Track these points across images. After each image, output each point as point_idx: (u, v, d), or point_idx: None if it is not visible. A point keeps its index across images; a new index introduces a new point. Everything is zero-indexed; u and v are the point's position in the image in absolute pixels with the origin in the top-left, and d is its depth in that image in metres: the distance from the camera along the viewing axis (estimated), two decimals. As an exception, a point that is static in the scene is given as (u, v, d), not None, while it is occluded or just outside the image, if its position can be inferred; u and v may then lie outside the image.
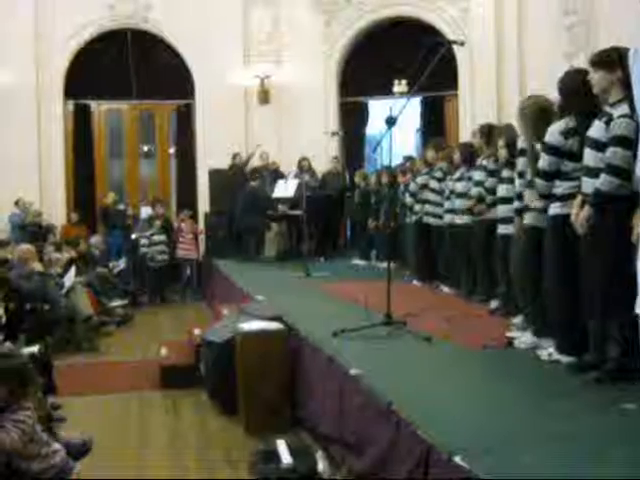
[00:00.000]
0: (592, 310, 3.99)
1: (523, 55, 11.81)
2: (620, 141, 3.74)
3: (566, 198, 4.20)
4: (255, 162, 12.63)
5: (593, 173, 3.87)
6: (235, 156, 12.54)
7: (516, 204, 5.18)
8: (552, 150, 4.30)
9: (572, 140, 4.20)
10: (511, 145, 5.63)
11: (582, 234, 3.93)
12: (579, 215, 3.92)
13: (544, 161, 4.35)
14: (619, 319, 3.78)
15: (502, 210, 5.77)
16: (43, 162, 12.91)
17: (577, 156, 4.13)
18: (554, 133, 4.31)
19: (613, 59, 3.83)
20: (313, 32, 13.07)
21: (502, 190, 5.83)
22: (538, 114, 4.69)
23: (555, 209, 4.32)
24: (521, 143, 5.10)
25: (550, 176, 4.33)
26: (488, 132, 6.59)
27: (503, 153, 5.89)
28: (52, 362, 5.77)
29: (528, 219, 4.88)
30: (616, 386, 3.75)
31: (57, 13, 12.73)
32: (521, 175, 5.04)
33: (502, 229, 5.79)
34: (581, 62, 9.00)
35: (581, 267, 4.07)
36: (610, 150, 3.77)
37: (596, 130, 3.94)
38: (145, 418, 5.73)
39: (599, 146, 3.87)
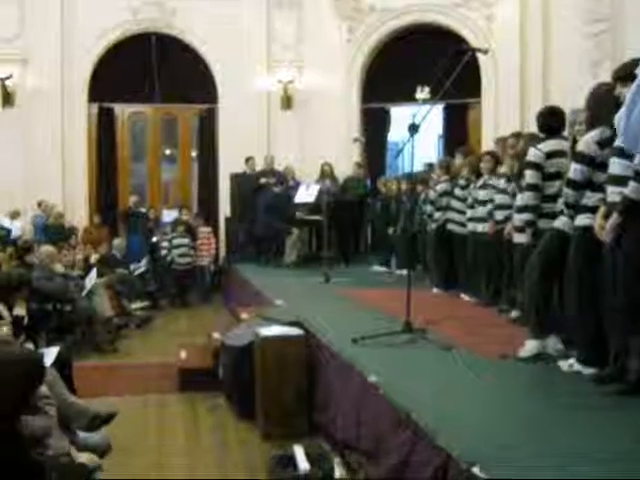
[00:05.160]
0: (615, 323, 3.94)
1: (547, 63, 11.73)
2: None
3: (596, 209, 4.13)
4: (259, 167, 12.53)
5: (621, 181, 3.83)
6: (248, 160, 12.51)
7: (525, 216, 5.23)
8: (586, 160, 4.26)
9: (607, 150, 4.15)
10: (521, 157, 5.62)
11: (608, 243, 3.89)
12: (604, 225, 3.88)
13: (575, 170, 4.30)
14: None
15: (518, 219, 5.72)
16: (66, 164, 12.99)
17: None
18: (589, 143, 4.25)
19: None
20: (336, 38, 13.08)
21: (518, 199, 5.79)
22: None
23: (584, 220, 4.26)
24: (530, 156, 5.12)
25: (580, 186, 4.29)
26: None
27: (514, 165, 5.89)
28: (72, 363, 5.79)
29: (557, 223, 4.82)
30: (638, 398, 3.70)
31: (83, 17, 12.84)
32: (531, 187, 5.10)
33: (518, 237, 5.74)
34: (607, 69, 8.93)
35: (605, 279, 4.02)
36: (639, 158, 3.73)
37: None
38: (163, 421, 5.75)
39: (628, 155, 3.83)
